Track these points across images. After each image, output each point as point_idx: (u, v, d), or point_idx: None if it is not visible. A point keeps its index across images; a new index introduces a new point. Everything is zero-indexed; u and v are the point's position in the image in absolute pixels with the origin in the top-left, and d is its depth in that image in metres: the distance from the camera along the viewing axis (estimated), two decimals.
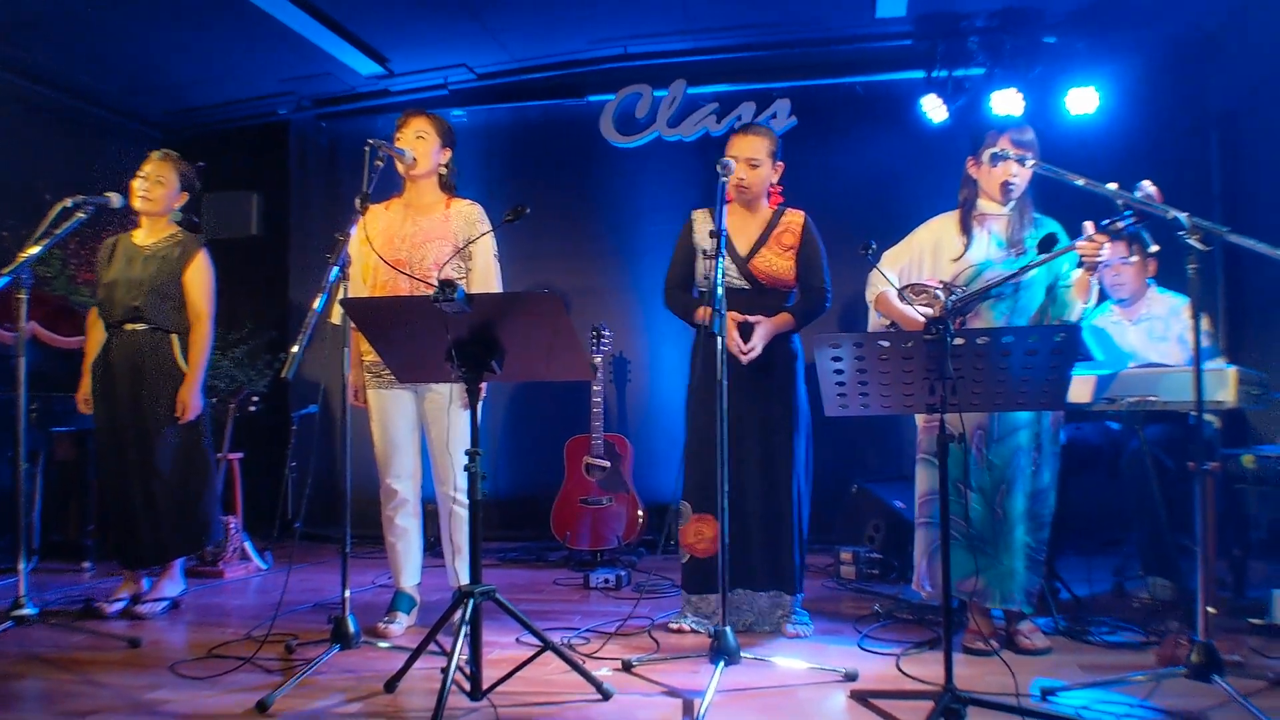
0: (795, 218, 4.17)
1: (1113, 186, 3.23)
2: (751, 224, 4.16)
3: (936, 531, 3.41)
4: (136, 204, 4.52)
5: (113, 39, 6.13)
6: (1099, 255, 3.43)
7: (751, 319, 4.01)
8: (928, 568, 3.84)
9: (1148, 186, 3.19)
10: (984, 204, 3.84)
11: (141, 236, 4.61)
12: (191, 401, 4.48)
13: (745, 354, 3.95)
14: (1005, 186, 3.73)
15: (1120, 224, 3.28)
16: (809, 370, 3.42)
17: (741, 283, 4.07)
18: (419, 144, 4.13)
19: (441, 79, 6.98)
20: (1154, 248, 4.53)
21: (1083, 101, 5.73)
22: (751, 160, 4.05)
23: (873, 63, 6.50)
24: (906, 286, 3.78)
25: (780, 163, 4.15)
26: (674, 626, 4.10)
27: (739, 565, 4.00)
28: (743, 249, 4.10)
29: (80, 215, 4.02)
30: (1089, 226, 3.39)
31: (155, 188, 4.54)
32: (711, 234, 3.45)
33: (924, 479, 3.88)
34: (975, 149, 3.83)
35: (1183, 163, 5.82)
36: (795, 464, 4.07)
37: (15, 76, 6.43)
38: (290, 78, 6.88)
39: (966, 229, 3.83)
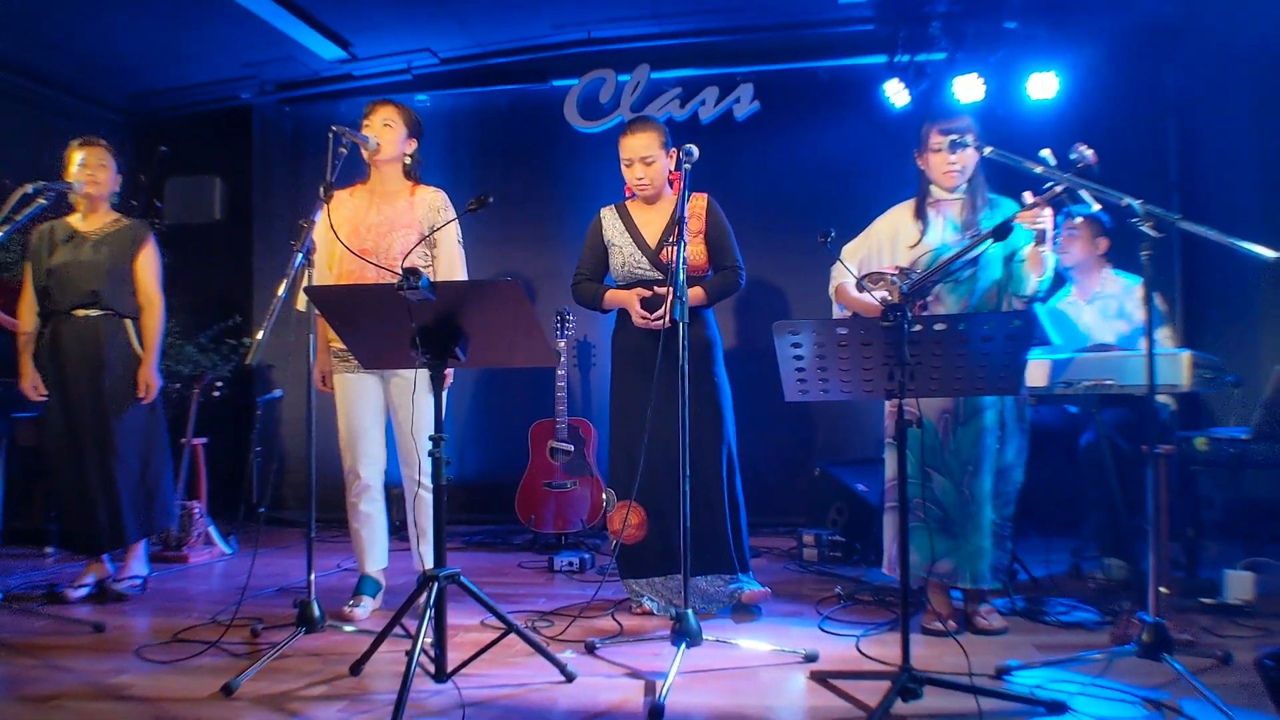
0: (698, 202, 4.18)
1: (1045, 153, 3.29)
2: (656, 214, 4.19)
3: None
4: (88, 190, 4.50)
5: (70, 21, 6.06)
6: (1039, 222, 3.49)
7: (660, 290, 4.05)
8: (899, 552, 3.88)
9: (1083, 150, 3.23)
10: (936, 191, 3.89)
11: (82, 223, 4.58)
12: (152, 380, 4.52)
13: (650, 320, 4.00)
14: (949, 174, 3.80)
15: (1057, 188, 3.33)
16: (766, 355, 3.44)
17: (654, 273, 4.10)
18: (386, 132, 4.13)
19: (405, 63, 6.96)
20: (1096, 206, 4.60)
21: (1043, 86, 5.78)
22: (646, 158, 4.07)
23: (836, 48, 6.54)
24: (864, 276, 3.82)
25: (674, 149, 4.12)
26: (636, 609, 4.14)
27: (666, 549, 4.02)
28: (652, 240, 4.14)
29: (42, 201, 4.00)
30: (1028, 196, 3.45)
31: (100, 171, 4.53)
32: (680, 219, 3.46)
33: (891, 464, 3.93)
34: (918, 144, 3.90)
35: (1141, 150, 5.90)
36: (721, 449, 4.08)
37: None
38: (252, 62, 6.83)
39: (922, 215, 3.88)
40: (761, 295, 6.40)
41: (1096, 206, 3.21)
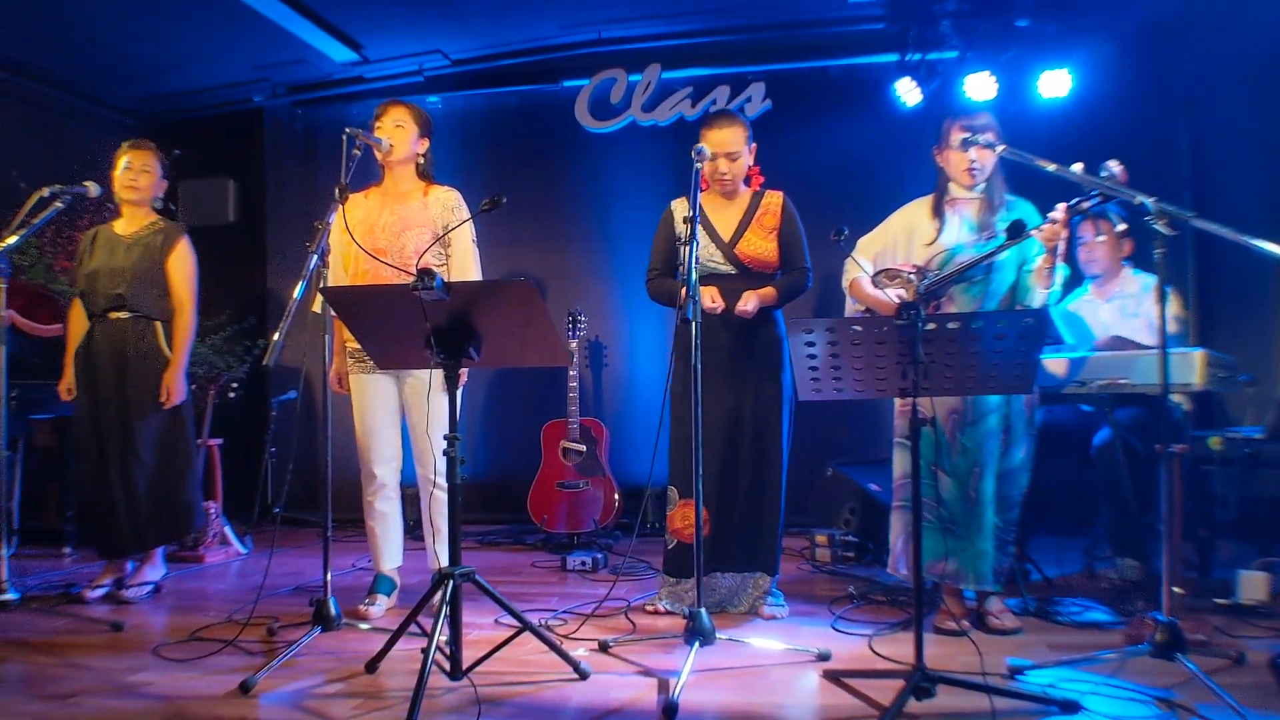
0: (774, 199, 4.20)
1: (1078, 168, 3.29)
2: (733, 208, 4.19)
3: (910, 514, 3.46)
4: (125, 195, 4.54)
5: (83, 25, 6.09)
6: (1057, 240, 3.49)
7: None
8: (904, 550, 3.88)
9: (1113, 166, 3.24)
10: (954, 189, 3.90)
11: (122, 226, 4.61)
12: (176, 386, 4.50)
13: (738, 312, 3.99)
14: (968, 172, 3.80)
15: (1085, 203, 3.34)
16: None
17: (727, 267, 4.10)
18: (397, 133, 4.15)
19: (416, 65, 6.98)
20: (1121, 226, 4.60)
21: (1055, 85, 5.76)
22: (731, 154, 4.06)
23: (846, 46, 6.53)
24: (880, 272, 3.82)
25: (754, 144, 4.17)
26: (649, 608, 4.16)
27: (724, 548, 4.06)
28: (726, 234, 4.13)
29: (58, 204, 4.02)
30: (1059, 208, 3.44)
31: (142, 176, 4.55)
32: (685, 220, 3.47)
33: (900, 462, 3.94)
34: (937, 140, 3.90)
35: (1153, 147, 5.87)
36: (783, 453, 4.13)
37: None
38: (264, 65, 6.86)
39: (939, 213, 3.88)
40: None
41: (1123, 227, 3.20)
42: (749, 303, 3.98)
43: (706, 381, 4.00)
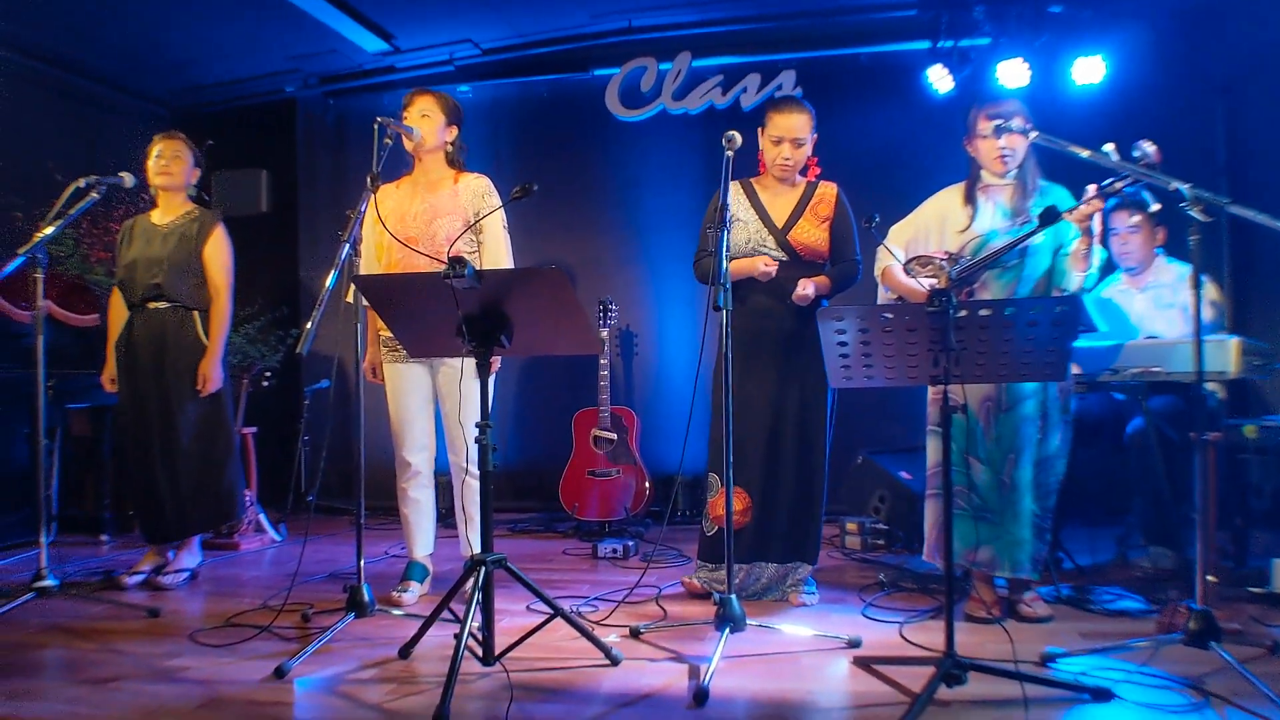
0: (829, 190, 4.19)
1: (1109, 147, 3.26)
2: (787, 195, 4.18)
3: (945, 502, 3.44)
4: (157, 181, 4.58)
5: (117, 17, 6.14)
6: (1089, 221, 3.47)
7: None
8: (938, 539, 3.88)
9: (1146, 146, 3.20)
10: (987, 176, 3.87)
11: (159, 216, 4.66)
12: (213, 374, 4.54)
13: (770, 269, 4.00)
14: (999, 159, 3.77)
15: (1119, 184, 3.31)
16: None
17: (779, 254, 4.09)
18: (424, 122, 4.17)
19: (447, 55, 7.00)
20: (1155, 206, 4.54)
21: (1089, 71, 5.71)
22: (798, 140, 4.06)
23: (878, 33, 6.49)
24: (912, 259, 3.81)
25: (816, 134, 4.16)
26: (686, 580, 4.22)
27: (765, 536, 4.07)
28: (779, 220, 4.12)
29: (94, 195, 4.07)
30: (1091, 189, 3.42)
31: (174, 163, 4.59)
32: (722, 207, 3.47)
33: (933, 451, 3.92)
34: (965, 130, 3.89)
35: (1188, 133, 5.81)
36: (825, 442, 4.13)
37: (21, 56, 6.45)
38: (296, 55, 6.90)
39: (971, 200, 3.86)
40: None
41: (1156, 207, 3.16)
42: (807, 288, 3.97)
43: (752, 369, 4.03)
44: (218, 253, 4.63)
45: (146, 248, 4.56)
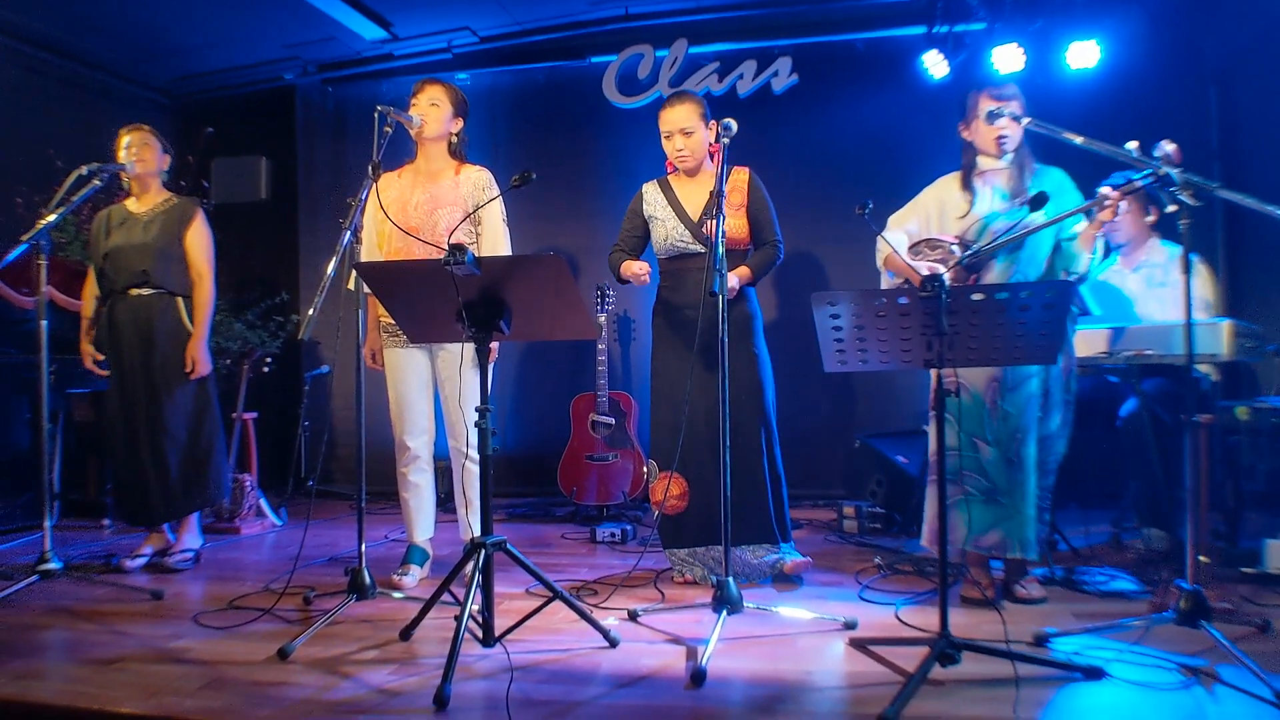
0: (740, 175, 4.22)
1: (1133, 146, 3.27)
2: (699, 187, 4.23)
3: (949, 489, 3.44)
4: (137, 169, 4.60)
5: (117, 5, 6.15)
6: (1113, 218, 3.50)
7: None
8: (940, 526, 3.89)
9: (1166, 146, 3.21)
10: (983, 161, 3.89)
11: (135, 205, 4.70)
12: (201, 357, 4.58)
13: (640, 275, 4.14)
14: (999, 142, 3.80)
15: (1138, 183, 3.33)
16: (805, 326, 3.46)
17: (697, 246, 4.14)
18: (432, 111, 4.20)
19: (445, 42, 7.02)
20: (1171, 208, 4.57)
21: (1083, 56, 5.71)
22: (685, 129, 4.12)
23: (874, 19, 6.50)
24: (922, 241, 3.84)
25: (713, 121, 4.15)
26: (679, 579, 4.21)
27: (710, 520, 4.03)
28: (693, 213, 4.18)
29: (96, 182, 4.13)
30: (1105, 191, 3.44)
31: (144, 149, 4.64)
32: (717, 195, 3.51)
33: (935, 437, 3.94)
34: (963, 114, 3.91)
35: (1182, 118, 5.83)
36: (760, 421, 4.13)
37: (21, 43, 6.47)
38: (295, 43, 6.91)
39: (969, 187, 3.88)
40: (801, 267, 6.42)
41: (1173, 208, 3.16)
42: (730, 282, 3.98)
43: (684, 359, 4.07)
44: (199, 239, 4.67)
45: (129, 235, 4.59)
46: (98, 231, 4.69)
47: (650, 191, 4.32)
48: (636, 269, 4.14)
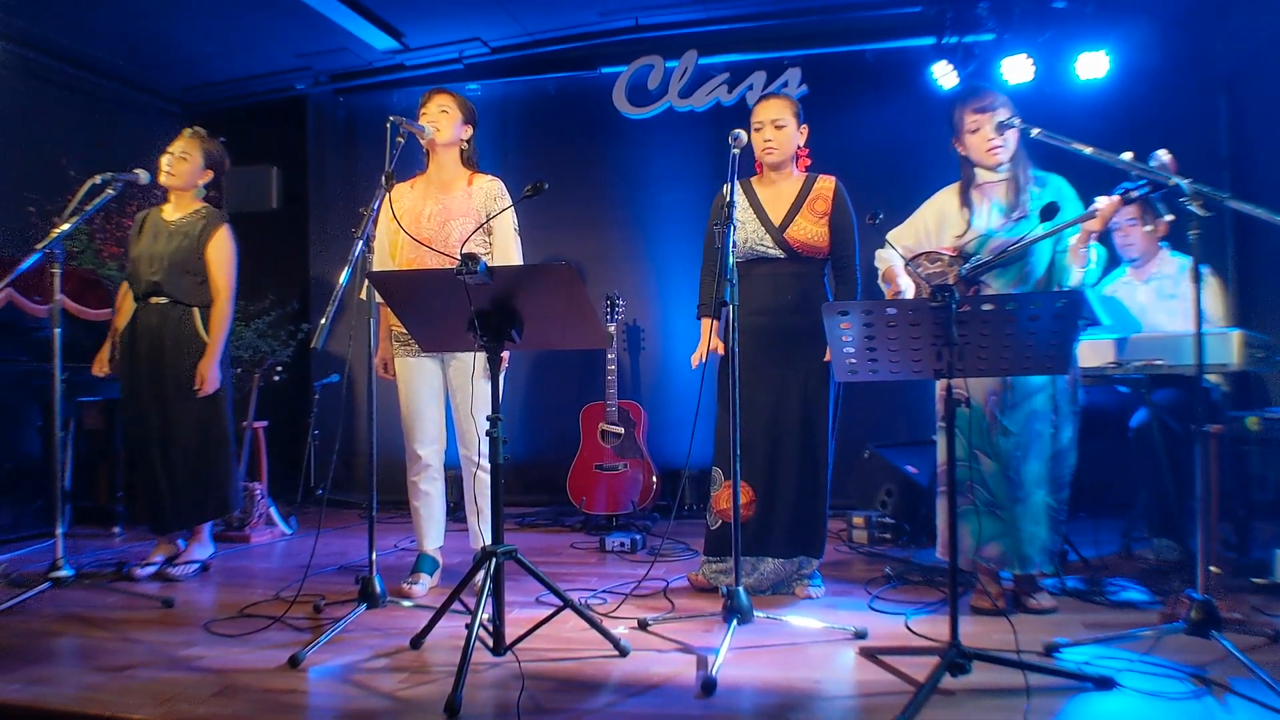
0: (827, 184, 4.18)
1: (1127, 156, 3.28)
2: (784, 192, 4.18)
3: (958, 498, 3.44)
4: (161, 179, 4.62)
5: (129, 14, 6.18)
6: (1104, 227, 3.51)
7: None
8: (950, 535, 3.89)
9: (1162, 156, 3.23)
10: (980, 174, 3.89)
11: (169, 211, 4.71)
12: (209, 375, 4.57)
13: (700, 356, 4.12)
14: (991, 153, 3.80)
15: (1135, 192, 3.34)
16: None
17: (776, 251, 4.10)
18: (443, 118, 4.22)
19: (456, 53, 7.04)
20: (1168, 217, 4.58)
21: (1093, 66, 5.72)
22: (777, 121, 4.09)
23: (883, 30, 6.52)
24: (920, 254, 3.85)
25: (805, 125, 4.19)
26: (692, 576, 4.25)
27: (768, 530, 4.08)
28: (776, 217, 4.13)
29: (109, 191, 4.14)
30: (1100, 200, 3.45)
31: (179, 163, 4.63)
32: (726, 205, 3.51)
33: (943, 447, 3.94)
34: (952, 130, 3.91)
35: (1191, 127, 5.83)
36: (829, 436, 4.14)
37: (35, 52, 6.51)
38: (306, 53, 6.94)
39: (967, 203, 3.88)
40: None
41: (1170, 218, 3.17)
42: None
43: (755, 366, 4.03)
44: (220, 253, 4.65)
45: (153, 243, 4.61)
46: (133, 233, 4.73)
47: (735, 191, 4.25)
48: (700, 356, 4.12)
